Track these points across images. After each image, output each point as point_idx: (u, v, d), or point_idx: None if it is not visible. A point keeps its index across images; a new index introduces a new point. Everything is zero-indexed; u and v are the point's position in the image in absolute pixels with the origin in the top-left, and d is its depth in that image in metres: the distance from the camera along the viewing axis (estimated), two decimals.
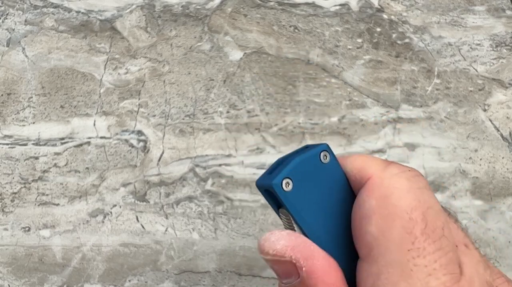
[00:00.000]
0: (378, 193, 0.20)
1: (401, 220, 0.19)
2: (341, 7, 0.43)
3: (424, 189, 0.20)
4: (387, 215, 0.19)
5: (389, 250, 0.19)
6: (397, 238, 0.19)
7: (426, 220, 0.19)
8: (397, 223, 0.19)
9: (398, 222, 0.19)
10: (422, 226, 0.19)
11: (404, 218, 0.19)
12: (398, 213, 0.19)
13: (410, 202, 0.19)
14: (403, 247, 0.19)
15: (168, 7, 0.42)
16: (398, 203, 0.19)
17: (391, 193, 0.20)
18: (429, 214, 0.19)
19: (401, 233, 0.19)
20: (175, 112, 0.38)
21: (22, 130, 0.37)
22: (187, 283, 0.32)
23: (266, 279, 0.33)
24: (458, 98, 0.39)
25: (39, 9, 0.42)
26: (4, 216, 0.34)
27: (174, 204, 0.35)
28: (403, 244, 0.19)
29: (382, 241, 0.19)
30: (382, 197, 0.20)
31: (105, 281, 0.32)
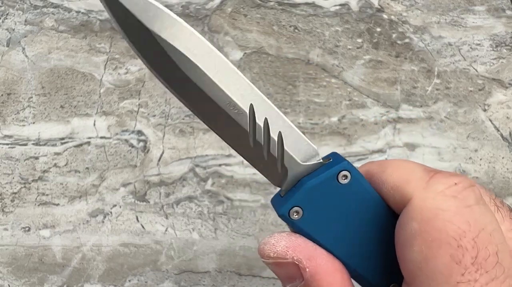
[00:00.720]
0: (421, 215, 0.17)
1: (449, 247, 0.17)
2: (341, 7, 0.43)
3: (475, 206, 0.18)
4: (431, 242, 0.17)
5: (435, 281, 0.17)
6: (444, 269, 0.17)
7: (477, 247, 0.17)
8: (444, 251, 0.17)
9: (445, 250, 0.17)
10: (473, 254, 0.17)
11: (452, 245, 0.17)
12: (445, 239, 0.17)
13: (459, 227, 0.17)
14: (452, 279, 0.17)
15: (168, 7, 0.42)
16: (444, 227, 0.17)
17: (435, 215, 0.17)
18: (481, 239, 0.17)
19: (448, 263, 0.17)
20: (175, 112, 0.38)
21: (22, 130, 0.37)
22: (187, 283, 0.32)
23: (266, 279, 0.33)
24: (458, 98, 0.39)
25: (39, 9, 0.42)
26: (4, 216, 0.34)
27: (174, 204, 0.35)
28: (451, 275, 0.17)
29: (426, 271, 0.17)
30: (425, 221, 0.17)
31: (105, 281, 0.32)
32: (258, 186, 0.35)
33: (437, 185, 0.18)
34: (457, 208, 0.17)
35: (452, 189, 0.18)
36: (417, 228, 0.17)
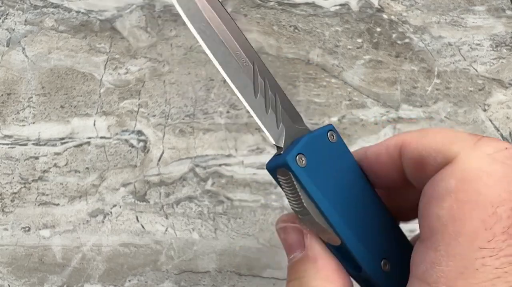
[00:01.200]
0: (462, 174, 0.16)
1: (482, 212, 0.16)
2: (341, 7, 0.43)
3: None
4: (465, 202, 0.16)
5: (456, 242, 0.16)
6: (471, 232, 0.16)
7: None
8: (477, 214, 0.16)
9: (478, 214, 0.16)
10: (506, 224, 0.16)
11: (487, 211, 0.16)
12: (481, 203, 0.16)
13: (500, 193, 0.16)
14: (475, 243, 0.16)
15: (168, 7, 0.42)
16: (484, 191, 0.16)
17: (478, 177, 0.16)
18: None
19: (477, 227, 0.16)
20: (175, 112, 0.38)
21: (22, 130, 0.37)
22: (187, 283, 0.32)
23: (266, 279, 0.33)
24: (458, 98, 0.39)
25: (39, 9, 0.42)
26: (4, 216, 0.34)
27: (174, 204, 0.35)
28: (476, 240, 0.16)
29: (451, 230, 0.16)
30: (465, 180, 0.16)
31: (105, 281, 0.32)
32: (258, 186, 0.35)
33: (487, 148, 0.17)
34: (503, 174, 0.16)
35: (502, 153, 0.17)
36: (453, 185, 0.16)
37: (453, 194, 0.16)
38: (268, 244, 0.33)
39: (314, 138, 0.21)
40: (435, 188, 0.17)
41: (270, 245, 0.33)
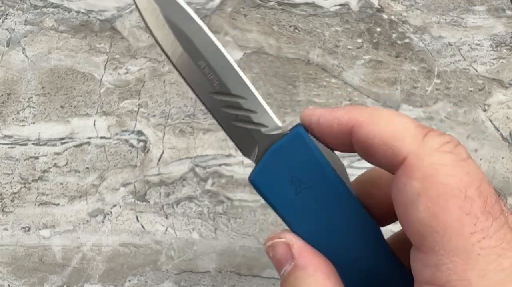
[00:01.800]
0: (420, 173, 0.17)
1: (456, 200, 0.16)
2: (341, 7, 0.43)
3: (469, 159, 0.17)
4: (437, 197, 0.17)
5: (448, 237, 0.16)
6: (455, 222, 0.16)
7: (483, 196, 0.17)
8: (452, 204, 0.16)
9: (453, 203, 0.16)
10: (480, 203, 0.16)
11: (459, 197, 0.16)
12: (450, 192, 0.16)
13: (462, 178, 0.17)
14: (465, 230, 0.16)
15: None
16: (448, 181, 0.17)
17: (436, 170, 0.17)
18: (484, 188, 0.17)
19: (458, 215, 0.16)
20: (175, 112, 0.38)
21: (22, 130, 0.37)
22: (187, 283, 0.32)
23: (266, 279, 0.33)
24: (458, 98, 0.39)
25: (39, 9, 0.42)
26: (4, 216, 0.34)
27: (174, 204, 0.35)
28: (464, 227, 0.16)
29: (437, 228, 0.16)
30: (426, 177, 0.17)
31: (105, 281, 0.32)
32: None
33: (432, 143, 0.18)
34: (455, 161, 0.17)
35: (447, 146, 0.18)
36: (419, 186, 0.17)
37: (422, 194, 0.17)
38: None
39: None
40: (403, 195, 0.17)
41: None
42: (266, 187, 0.21)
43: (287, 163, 0.21)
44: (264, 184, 0.21)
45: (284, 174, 0.21)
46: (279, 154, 0.21)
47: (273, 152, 0.21)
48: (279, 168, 0.21)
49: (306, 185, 0.21)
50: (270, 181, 0.21)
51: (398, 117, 0.19)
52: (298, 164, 0.21)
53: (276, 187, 0.21)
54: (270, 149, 0.21)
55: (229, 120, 0.22)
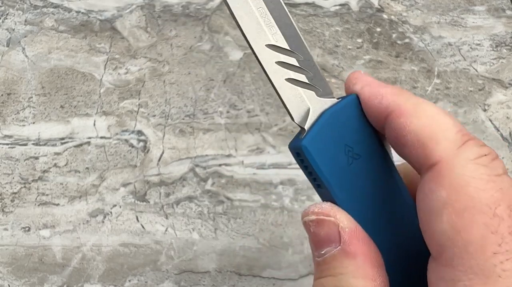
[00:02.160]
0: (451, 182, 0.16)
1: (483, 216, 0.16)
2: (341, 7, 0.43)
3: (504, 175, 0.17)
4: (463, 211, 0.16)
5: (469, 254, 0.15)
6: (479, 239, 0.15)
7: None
8: (478, 220, 0.16)
9: (479, 219, 0.16)
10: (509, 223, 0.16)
11: (487, 214, 0.16)
12: (478, 208, 0.16)
13: (493, 194, 0.16)
14: (488, 249, 0.15)
15: (168, 7, 0.42)
16: (478, 195, 0.16)
17: (466, 182, 0.16)
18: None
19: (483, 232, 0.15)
20: (175, 112, 0.38)
21: (22, 130, 0.37)
22: (187, 283, 0.32)
23: (266, 279, 0.33)
24: (458, 98, 0.39)
25: (39, 9, 0.42)
26: (4, 216, 0.34)
27: (174, 204, 0.35)
28: (486, 246, 0.15)
29: (459, 242, 0.16)
30: (455, 188, 0.16)
31: (105, 281, 0.32)
32: (258, 186, 0.35)
33: (469, 153, 0.17)
34: (489, 176, 0.16)
35: (483, 159, 0.17)
36: (445, 196, 0.16)
37: (448, 205, 0.16)
38: (268, 244, 0.33)
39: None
40: (428, 203, 0.17)
41: (270, 245, 0.33)
42: (319, 154, 0.19)
43: (341, 131, 0.19)
44: (318, 151, 0.19)
45: (338, 141, 0.19)
46: (334, 120, 0.19)
47: (328, 117, 0.20)
48: (333, 135, 0.19)
49: (358, 155, 0.20)
50: (324, 148, 0.19)
51: (442, 116, 0.18)
52: (352, 133, 0.20)
53: (330, 155, 0.19)
54: (325, 113, 0.20)
55: (283, 78, 0.20)
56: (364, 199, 0.20)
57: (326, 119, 0.20)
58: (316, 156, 0.19)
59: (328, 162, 0.19)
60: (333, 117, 0.20)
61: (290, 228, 0.34)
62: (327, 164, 0.19)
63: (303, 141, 0.19)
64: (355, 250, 0.18)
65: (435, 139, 0.17)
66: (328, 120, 0.20)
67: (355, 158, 0.19)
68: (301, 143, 0.19)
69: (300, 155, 0.19)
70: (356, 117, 0.20)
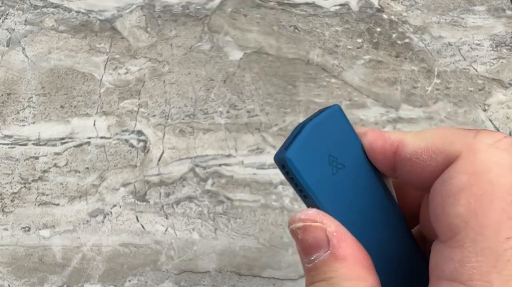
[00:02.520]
0: (471, 168, 0.17)
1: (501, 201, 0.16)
2: (341, 7, 0.43)
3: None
4: (482, 195, 0.16)
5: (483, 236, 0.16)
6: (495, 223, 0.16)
7: None
8: (496, 205, 0.16)
9: (497, 204, 0.16)
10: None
11: (505, 199, 0.16)
12: (498, 193, 0.16)
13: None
14: (501, 234, 0.16)
15: (168, 7, 0.42)
16: (498, 181, 0.16)
17: (488, 168, 0.16)
18: None
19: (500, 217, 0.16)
20: (175, 112, 0.38)
21: (22, 130, 0.37)
22: (187, 283, 0.32)
23: (266, 279, 0.33)
24: (458, 98, 0.39)
25: (39, 9, 0.42)
26: (4, 216, 0.34)
27: (174, 204, 0.35)
28: (501, 230, 0.16)
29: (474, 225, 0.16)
30: (476, 173, 0.16)
31: (105, 281, 0.32)
32: (258, 186, 0.35)
33: (486, 139, 0.17)
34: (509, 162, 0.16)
35: (503, 142, 0.17)
36: (466, 180, 0.16)
37: (467, 189, 0.16)
38: (268, 244, 0.33)
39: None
40: (447, 187, 0.17)
41: (270, 245, 0.33)
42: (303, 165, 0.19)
43: (325, 141, 0.20)
44: (302, 162, 0.19)
45: (322, 152, 0.19)
46: (318, 130, 0.20)
47: (312, 128, 0.19)
48: (317, 146, 0.19)
49: (342, 165, 0.20)
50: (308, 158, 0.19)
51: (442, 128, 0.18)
52: (336, 143, 0.20)
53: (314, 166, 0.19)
54: (308, 124, 0.20)
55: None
56: (350, 208, 0.20)
57: (310, 130, 0.19)
58: (300, 168, 0.19)
59: (313, 173, 0.19)
60: (316, 127, 0.20)
61: None
62: (312, 175, 0.19)
63: (287, 153, 0.19)
64: (344, 253, 0.18)
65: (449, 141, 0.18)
66: (311, 131, 0.19)
67: (339, 168, 0.20)
68: (285, 155, 0.19)
69: (285, 167, 0.19)
70: (339, 127, 0.20)
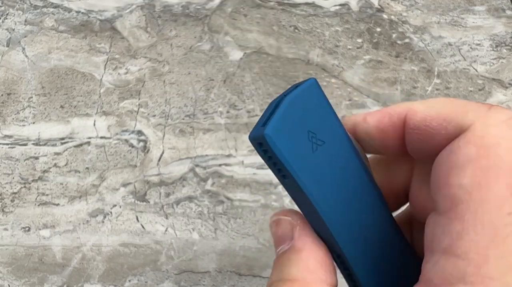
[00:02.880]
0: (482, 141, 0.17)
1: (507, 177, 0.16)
2: (341, 7, 0.43)
3: None
4: (488, 168, 0.16)
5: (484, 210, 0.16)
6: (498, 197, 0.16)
7: None
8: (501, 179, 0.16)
9: (503, 179, 0.16)
10: None
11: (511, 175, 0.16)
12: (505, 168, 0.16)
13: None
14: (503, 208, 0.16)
15: (168, 7, 0.42)
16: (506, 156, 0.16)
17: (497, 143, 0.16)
18: None
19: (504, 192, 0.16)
20: (175, 112, 0.38)
21: (22, 130, 0.37)
22: (187, 283, 0.32)
23: (266, 279, 0.33)
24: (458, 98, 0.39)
25: (39, 9, 0.42)
26: (4, 216, 0.34)
27: (174, 204, 0.35)
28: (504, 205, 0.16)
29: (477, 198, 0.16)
30: (485, 146, 0.16)
31: (105, 281, 0.32)
32: (258, 186, 0.35)
33: (499, 115, 0.17)
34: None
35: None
36: (474, 152, 0.16)
37: (475, 161, 0.16)
38: (268, 244, 0.33)
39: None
40: (453, 157, 0.17)
41: (270, 245, 0.33)
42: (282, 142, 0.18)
43: (303, 116, 0.19)
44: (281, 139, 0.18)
45: (301, 128, 0.18)
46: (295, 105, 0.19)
47: (289, 103, 0.18)
48: (295, 121, 0.18)
49: (322, 141, 0.19)
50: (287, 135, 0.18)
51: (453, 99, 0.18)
52: (314, 118, 0.19)
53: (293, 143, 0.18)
54: (285, 99, 0.19)
55: None
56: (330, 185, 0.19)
57: (288, 105, 0.18)
58: (280, 145, 0.18)
59: (293, 150, 0.18)
60: (294, 102, 0.19)
61: None
62: (292, 153, 0.18)
63: (265, 130, 0.18)
64: (302, 245, 0.19)
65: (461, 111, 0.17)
66: (289, 105, 0.18)
67: (319, 145, 0.19)
68: (263, 132, 0.18)
69: (263, 145, 0.18)
70: (316, 102, 0.19)
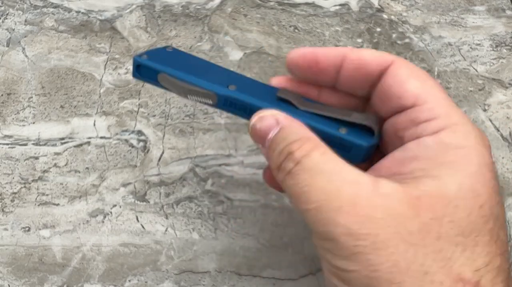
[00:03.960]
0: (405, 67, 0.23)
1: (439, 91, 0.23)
2: (341, 7, 0.43)
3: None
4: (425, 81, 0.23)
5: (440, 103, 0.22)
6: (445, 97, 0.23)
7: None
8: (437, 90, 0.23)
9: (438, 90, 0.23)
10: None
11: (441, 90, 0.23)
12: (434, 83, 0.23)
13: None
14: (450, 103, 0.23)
15: (168, 7, 0.42)
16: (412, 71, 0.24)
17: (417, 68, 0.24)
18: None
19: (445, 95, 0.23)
20: (175, 112, 0.38)
21: (22, 130, 0.37)
22: (187, 283, 0.32)
23: (266, 279, 0.33)
24: (458, 98, 0.39)
25: (39, 9, 0.42)
26: (4, 216, 0.34)
27: (174, 204, 0.35)
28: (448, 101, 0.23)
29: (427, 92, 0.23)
30: (412, 68, 0.24)
31: (105, 281, 0.32)
32: (258, 186, 0.35)
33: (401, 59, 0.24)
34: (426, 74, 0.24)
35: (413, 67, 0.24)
36: (406, 73, 0.23)
37: (412, 78, 0.23)
38: (268, 244, 0.33)
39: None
40: (395, 77, 0.23)
41: (270, 245, 0.33)
42: (156, 60, 0.26)
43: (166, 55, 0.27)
44: (154, 59, 0.26)
45: (167, 57, 0.27)
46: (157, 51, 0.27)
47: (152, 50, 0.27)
48: (162, 55, 0.27)
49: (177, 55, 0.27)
50: (157, 57, 0.26)
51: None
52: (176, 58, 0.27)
53: (165, 59, 0.26)
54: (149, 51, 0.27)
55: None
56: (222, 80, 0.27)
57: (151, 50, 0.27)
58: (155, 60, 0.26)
59: (166, 61, 0.26)
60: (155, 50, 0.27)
61: (290, 228, 0.34)
62: (167, 63, 0.26)
63: (135, 57, 0.26)
64: (290, 122, 0.23)
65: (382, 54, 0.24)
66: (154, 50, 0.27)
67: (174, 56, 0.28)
68: (134, 57, 0.26)
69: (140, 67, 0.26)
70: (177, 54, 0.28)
